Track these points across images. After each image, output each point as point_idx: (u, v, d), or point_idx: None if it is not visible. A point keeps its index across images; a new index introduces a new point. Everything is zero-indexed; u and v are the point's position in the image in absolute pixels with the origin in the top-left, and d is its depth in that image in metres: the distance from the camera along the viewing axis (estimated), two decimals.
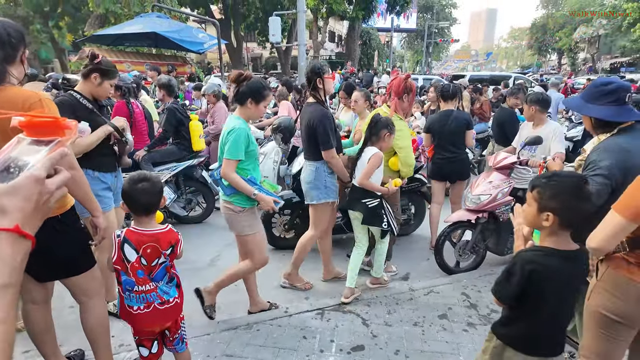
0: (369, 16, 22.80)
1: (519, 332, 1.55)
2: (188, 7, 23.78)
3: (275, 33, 11.69)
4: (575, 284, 1.51)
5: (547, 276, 1.42)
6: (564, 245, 1.44)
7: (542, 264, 1.42)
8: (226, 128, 2.50)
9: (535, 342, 1.54)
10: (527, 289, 1.45)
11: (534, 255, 1.46)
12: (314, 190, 3.03)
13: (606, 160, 1.85)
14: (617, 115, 1.95)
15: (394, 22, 28.41)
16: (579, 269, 1.49)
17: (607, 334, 1.68)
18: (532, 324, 1.51)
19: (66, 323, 2.62)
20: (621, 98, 1.95)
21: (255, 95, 2.49)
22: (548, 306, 1.47)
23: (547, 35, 47.08)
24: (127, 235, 1.78)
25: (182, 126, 4.43)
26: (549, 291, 1.44)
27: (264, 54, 36.46)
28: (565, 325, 1.58)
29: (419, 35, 42.69)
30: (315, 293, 3.23)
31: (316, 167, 3.01)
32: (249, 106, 2.51)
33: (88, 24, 15.64)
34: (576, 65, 43.49)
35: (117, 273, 1.82)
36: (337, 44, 39.89)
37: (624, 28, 31.97)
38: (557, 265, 1.42)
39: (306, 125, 2.96)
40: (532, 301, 1.48)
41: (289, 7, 19.72)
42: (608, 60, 38.62)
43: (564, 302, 1.50)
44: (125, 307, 1.84)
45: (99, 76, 2.54)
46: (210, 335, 2.63)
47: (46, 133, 0.75)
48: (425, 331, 2.72)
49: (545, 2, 48.38)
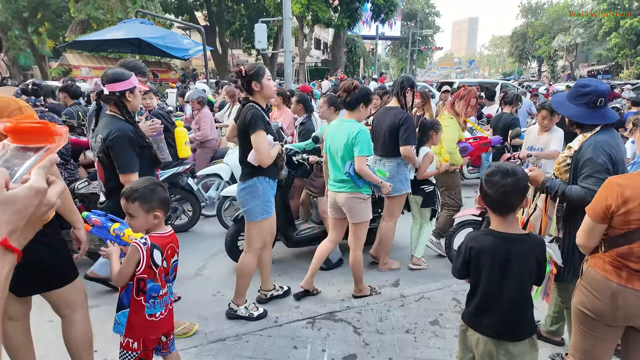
0: (354, 24, 23.01)
1: (473, 310, 1.71)
2: (172, 14, 23.64)
3: (261, 40, 11.68)
4: (515, 266, 1.59)
5: (480, 253, 1.62)
6: (506, 229, 1.62)
7: (479, 242, 1.64)
8: (351, 130, 2.83)
9: (483, 320, 1.67)
10: (468, 267, 1.67)
11: (476, 234, 1.71)
12: (397, 183, 3.35)
13: (601, 156, 1.98)
14: (586, 117, 2.08)
15: (379, 30, 28.79)
16: (520, 252, 1.60)
17: (586, 330, 1.75)
18: (478, 301, 1.67)
19: (46, 338, 2.51)
20: (593, 101, 2.06)
21: (365, 100, 2.91)
22: (485, 283, 1.63)
23: (527, 44, 48.45)
24: (153, 240, 1.73)
25: (167, 133, 4.33)
26: (484, 268, 1.62)
27: (249, 60, 36.45)
28: (515, 309, 1.62)
29: (403, 43, 43.35)
30: (305, 302, 3.18)
31: (397, 162, 3.41)
32: (360, 109, 2.93)
33: (69, 30, 15.32)
34: (555, 72, 44.75)
35: (143, 283, 1.74)
36: (323, 51, 40.14)
37: (599, 37, 33.09)
38: (492, 244, 1.61)
39: (389, 125, 3.34)
40: (473, 277, 1.68)
41: (274, 14, 19.78)
42: (586, 67, 39.86)
43: (501, 282, 1.60)
44: (145, 319, 1.77)
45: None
46: (198, 347, 2.55)
47: (34, 140, 0.70)
48: (417, 338, 2.69)
49: (525, 11, 49.75)
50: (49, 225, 1.79)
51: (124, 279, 1.72)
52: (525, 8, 49.66)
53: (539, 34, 45.21)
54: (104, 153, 2.26)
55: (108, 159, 2.27)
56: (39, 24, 21.47)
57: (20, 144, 0.69)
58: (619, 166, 2.01)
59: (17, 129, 0.69)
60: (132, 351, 1.80)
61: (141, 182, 1.78)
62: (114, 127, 2.24)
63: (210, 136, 5.38)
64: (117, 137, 2.21)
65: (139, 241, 1.70)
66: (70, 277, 1.93)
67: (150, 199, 1.72)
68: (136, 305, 1.75)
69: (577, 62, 42.41)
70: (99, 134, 2.28)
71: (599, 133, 2.07)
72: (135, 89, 2.33)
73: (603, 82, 2.24)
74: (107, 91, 2.27)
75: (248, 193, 2.64)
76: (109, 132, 2.21)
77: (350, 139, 2.81)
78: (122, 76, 2.29)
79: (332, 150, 2.97)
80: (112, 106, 2.32)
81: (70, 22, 16.43)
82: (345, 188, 2.93)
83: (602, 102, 2.07)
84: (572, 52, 42.74)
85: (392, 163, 3.40)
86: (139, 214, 1.72)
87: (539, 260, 1.64)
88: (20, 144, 0.69)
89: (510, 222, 1.63)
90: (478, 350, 1.67)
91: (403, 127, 3.27)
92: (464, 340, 1.77)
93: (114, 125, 2.25)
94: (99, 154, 2.28)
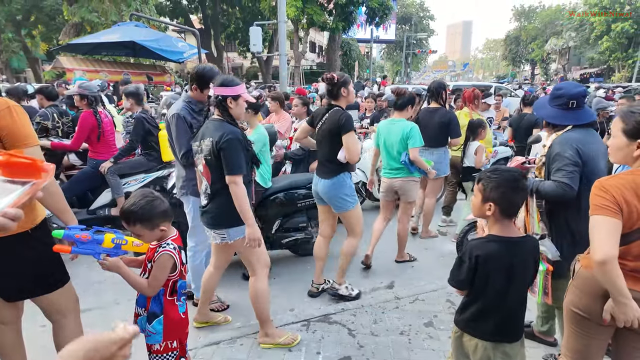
0: (349, 27, 23.10)
1: (471, 317, 1.67)
2: (167, 17, 23.62)
3: (256, 43, 11.69)
4: (519, 268, 1.59)
5: (487, 260, 1.58)
6: (507, 233, 1.60)
7: (484, 249, 1.59)
8: (404, 127, 3.52)
9: (484, 326, 1.64)
10: (473, 275, 1.61)
11: (479, 242, 1.64)
12: (443, 167, 4.24)
13: (568, 150, 2.08)
14: (558, 118, 2.22)
15: (374, 33, 28.90)
16: (522, 255, 1.60)
17: (579, 330, 1.75)
18: (480, 307, 1.64)
19: (37, 344, 2.48)
20: (565, 103, 2.19)
21: (412, 103, 3.73)
22: (491, 289, 1.60)
23: (520, 47, 48.87)
24: (176, 242, 1.77)
25: (151, 136, 4.29)
26: (490, 274, 1.58)
27: (244, 63, 36.43)
28: (515, 311, 1.63)
29: (398, 46, 43.57)
30: (300, 304, 3.17)
31: (443, 151, 4.27)
32: (407, 110, 3.67)
33: (63, 32, 15.25)
34: (549, 75, 45.18)
35: (176, 283, 1.77)
36: (318, 55, 40.26)
37: (591, 40, 33.47)
38: (497, 250, 1.58)
39: (438, 122, 4.16)
40: (478, 285, 1.63)
41: (269, 17, 19.82)
42: (578, 71, 40.27)
43: (507, 286, 1.59)
44: (180, 317, 1.79)
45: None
46: (192, 351, 2.53)
47: (22, 174, 0.75)
48: (411, 340, 2.69)
49: (518, 15, 50.24)
50: (36, 229, 1.76)
51: (158, 287, 1.71)
52: (518, 12, 50.16)
53: (532, 38, 45.67)
54: (214, 155, 2.28)
55: (217, 161, 2.29)
56: (33, 27, 21.36)
57: (9, 177, 0.74)
58: (591, 162, 2.06)
59: (7, 163, 0.76)
60: (173, 350, 1.80)
61: (137, 200, 1.68)
62: (226, 130, 2.28)
63: None
64: (230, 139, 2.25)
65: (169, 248, 1.71)
66: (61, 282, 1.90)
67: (150, 217, 1.67)
68: (170, 306, 1.77)
69: (569, 65, 42.84)
70: (208, 137, 2.31)
71: (570, 131, 2.18)
72: (239, 97, 2.36)
73: (579, 85, 2.33)
74: (214, 93, 2.36)
75: (338, 187, 2.93)
76: (222, 134, 2.26)
77: (405, 134, 3.51)
78: (231, 82, 2.36)
79: (388, 144, 3.65)
80: (217, 110, 2.40)
81: (64, 24, 16.35)
82: (401, 174, 3.65)
83: (574, 104, 2.17)
84: (564, 55, 43.18)
85: (440, 151, 4.25)
86: (144, 233, 1.70)
87: (535, 261, 1.66)
88: (9, 177, 0.74)
89: (510, 225, 1.63)
90: (476, 356, 1.66)
91: (452, 124, 4.16)
92: (459, 347, 1.74)
93: (226, 128, 2.29)
94: (208, 156, 2.31)
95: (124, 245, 1.69)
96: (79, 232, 1.63)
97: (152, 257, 1.72)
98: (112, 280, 3.46)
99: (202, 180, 2.44)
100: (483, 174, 1.63)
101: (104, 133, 4.12)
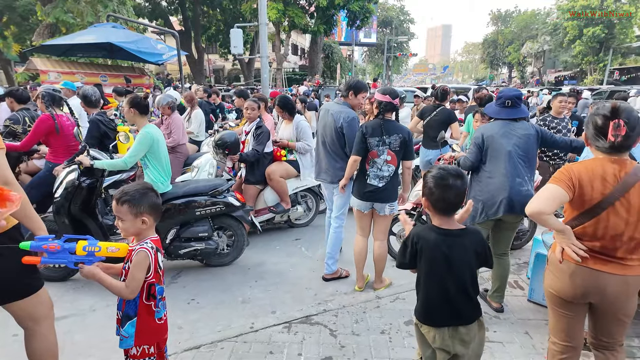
0: (330, 30, 23.23)
1: (421, 306, 1.81)
2: (146, 18, 23.22)
3: (237, 45, 11.61)
4: (456, 260, 1.70)
5: (425, 247, 1.72)
6: (447, 225, 1.73)
7: (423, 237, 1.73)
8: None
9: (429, 312, 1.78)
10: (415, 259, 1.76)
11: (420, 229, 1.78)
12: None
13: (475, 134, 2.94)
14: (497, 113, 2.92)
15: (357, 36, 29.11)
16: (459, 247, 1.70)
17: (560, 310, 1.93)
18: (425, 295, 1.78)
19: (9, 352, 2.41)
20: (503, 103, 2.88)
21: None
22: (432, 277, 1.74)
23: (498, 50, 49.99)
24: (156, 244, 1.74)
25: (108, 139, 4.19)
26: (429, 261, 1.72)
27: (226, 65, 36.14)
28: (459, 301, 1.72)
29: (379, 50, 43.99)
30: (282, 306, 3.17)
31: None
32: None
33: (36, 33, 14.75)
34: (525, 78, 46.39)
35: (154, 288, 1.73)
36: (300, 57, 40.29)
37: (564, 44, 34.55)
38: (435, 239, 1.71)
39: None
40: (420, 271, 1.78)
41: (250, 19, 19.72)
42: (553, 73, 41.48)
43: (446, 276, 1.71)
44: (156, 323, 1.76)
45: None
46: (172, 356, 2.50)
47: None
48: (392, 338, 2.73)
49: (495, 19, 51.45)
50: (6, 235, 1.71)
51: (137, 288, 1.68)
52: (495, 16, 51.34)
53: (509, 41, 46.81)
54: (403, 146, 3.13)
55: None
56: (5, 28, 20.62)
57: None
58: (489, 141, 2.81)
59: None
60: (150, 356, 1.77)
61: (134, 185, 1.76)
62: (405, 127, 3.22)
63: (181, 141, 5.30)
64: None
65: (147, 246, 1.69)
66: (33, 288, 1.85)
67: (139, 203, 1.69)
68: (146, 311, 1.73)
69: (544, 69, 44.11)
70: (395, 134, 3.10)
71: (491, 123, 2.97)
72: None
73: (516, 90, 3.12)
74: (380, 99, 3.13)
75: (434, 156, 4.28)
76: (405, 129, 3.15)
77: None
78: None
79: None
80: (389, 114, 3.15)
81: (38, 25, 15.87)
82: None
83: (510, 104, 2.84)
84: (540, 58, 44.46)
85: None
86: (127, 218, 1.69)
87: (477, 252, 1.72)
88: None
89: (451, 219, 1.74)
90: (436, 345, 1.76)
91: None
92: (421, 337, 1.84)
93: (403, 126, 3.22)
94: (397, 147, 3.10)
95: (98, 252, 1.63)
96: (47, 242, 1.57)
97: (131, 257, 1.69)
98: (88, 286, 3.38)
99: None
100: (426, 172, 1.80)
101: (63, 137, 4.00)
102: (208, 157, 4.61)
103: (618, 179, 1.69)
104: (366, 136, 3.09)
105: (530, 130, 2.80)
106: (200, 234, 3.61)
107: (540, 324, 2.88)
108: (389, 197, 3.14)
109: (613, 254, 1.75)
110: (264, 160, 4.44)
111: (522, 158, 2.75)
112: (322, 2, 19.53)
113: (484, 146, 2.83)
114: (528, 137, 2.77)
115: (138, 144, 3.23)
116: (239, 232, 3.82)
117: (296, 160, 4.62)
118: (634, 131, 1.70)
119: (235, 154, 4.29)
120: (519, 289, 3.39)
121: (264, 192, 4.55)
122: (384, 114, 3.08)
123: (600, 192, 1.71)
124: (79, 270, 1.63)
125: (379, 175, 3.10)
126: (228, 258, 3.85)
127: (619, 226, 1.71)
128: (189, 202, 3.53)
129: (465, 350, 1.74)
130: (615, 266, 1.74)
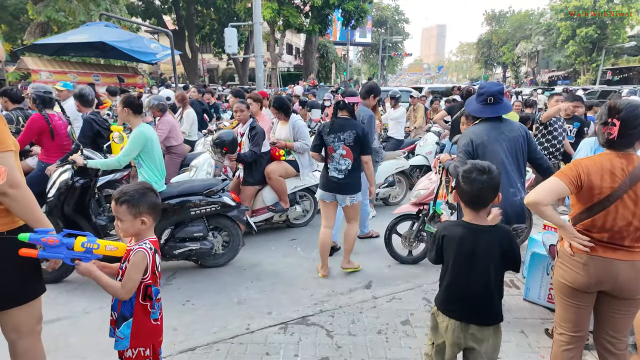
0: (325, 30, 23.18)
1: (441, 294, 1.85)
2: (139, 17, 23.03)
3: (232, 44, 11.56)
4: (480, 255, 1.72)
5: (451, 241, 1.76)
6: (476, 221, 1.76)
7: (450, 231, 1.78)
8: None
9: (451, 305, 1.80)
10: (442, 253, 1.80)
11: (448, 224, 1.84)
12: None
13: (462, 140, 2.75)
14: (479, 111, 2.78)
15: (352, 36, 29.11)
16: (486, 243, 1.72)
17: (569, 301, 1.98)
18: (446, 285, 1.81)
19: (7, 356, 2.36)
20: (484, 100, 2.74)
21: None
22: (454, 270, 1.77)
23: (492, 50, 50.28)
24: (154, 245, 1.71)
25: (101, 138, 4.13)
26: (453, 254, 1.76)
27: (220, 65, 35.97)
28: (480, 296, 1.74)
29: (374, 49, 44.03)
30: (278, 307, 3.15)
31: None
32: None
33: (27, 32, 14.57)
34: (519, 78, 46.71)
35: (150, 289, 1.70)
36: (295, 57, 40.22)
37: (558, 44, 34.83)
38: (461, 234, 1.75)
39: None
40: (445, 263, 1.82)
41: (245, 19, 19.63)
42: (547, 73, 41.82)
43: (468, 270, 1.74)
44: (152, 324, 1.73)
45: None
46: (167, 358, 2.47)
47: None
48: (389, 338, 2.72)
49: (489, 19, 51.71)
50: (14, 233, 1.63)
51: (133, 289, 1.64)
52: (489, 16, 51.59)
53: (503, 41, 47.08)
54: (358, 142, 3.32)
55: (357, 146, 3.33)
56: None
57: None
58: (480, 149, 2.66)
59: None
60: (145, 358, 1.74)
61: (133, 185, 1.73)
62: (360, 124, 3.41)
63: (175, 142, 5.24)
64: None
65: (145, 246, 1.65)
66: (23, 298, 1.75)
67: (138, 203, 1.66)
68: (142, 312, 1.70)
69: (538, 69, 44.45)
70: (347, 131, 3.31)
71: (478, 124, 2.81)
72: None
73: (499, 84, 2.88)
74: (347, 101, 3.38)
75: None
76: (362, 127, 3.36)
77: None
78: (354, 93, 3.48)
79: None
80: (343, 112, 3.39)
81: (29, 24, 15.69)
82: None
83: (492, 100, 2.71)
84: (533, 58, 44.78)
85: None
86: (127, 218, 1.66)
87: (504, 250, 1.73)
88: None
89: (481, 215, 1.77)
90: (447, 336, 1.78)
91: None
92: (435, 325, 1.86)
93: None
94: (351, 143, 3.30)
95: (96, 250, 1.62)
96: (46, 235, 1.55)
97: (128, 257, 1.66)
98: (82, 288, 3.34)
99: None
100: (452, 168, 1.89)
101: (57, 136, 3.95)
102: (206, 157, 4.58)
103: (626, 173, 1.76)
104: (322, 134, 3.39)
105: (519, 132, 2.75)
106: (195, 234, 3.58)
107: (536, 322, 2.89)
108: (349, 190, 3.41)
109: (621, 242, 1.82)
110: (261, 161, 4.41)
111: (514, 164, 2.71)
112: (317, 2, 19.48)
113: (474, 153, 2.68)
114: (517, 140, 2.71)
115: (131, 143, 3.20)
116: (234, 233, 3.79)
117: (295, 160, 4.60)
118: (634, 130, 1.74)
119: (233, 152, 4.26)
120: (515, 288, 3.40)
121: (262, 192, 4.53)
122: (336, 113, 3.39)
123: (610, 186, 1.77)
124: (75, 267, 1.61)
125: (338, 168, 3.39)
126: (223, 259, 3.81)
127: (627, 217, 1.78)
128: (184, 201, 3.50)
129: (478, 346, 1.74)
130: (624, 253, 1.82)
